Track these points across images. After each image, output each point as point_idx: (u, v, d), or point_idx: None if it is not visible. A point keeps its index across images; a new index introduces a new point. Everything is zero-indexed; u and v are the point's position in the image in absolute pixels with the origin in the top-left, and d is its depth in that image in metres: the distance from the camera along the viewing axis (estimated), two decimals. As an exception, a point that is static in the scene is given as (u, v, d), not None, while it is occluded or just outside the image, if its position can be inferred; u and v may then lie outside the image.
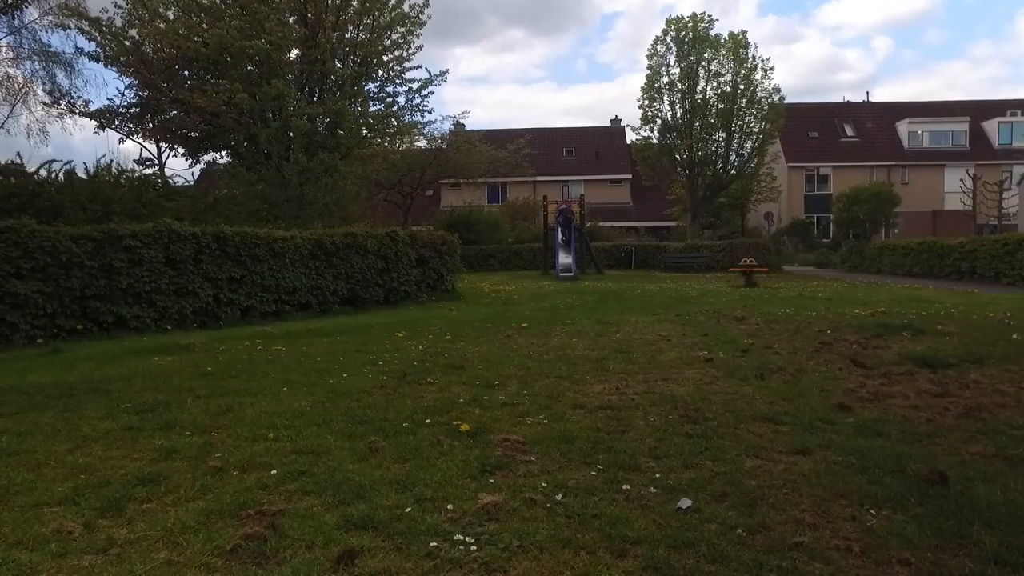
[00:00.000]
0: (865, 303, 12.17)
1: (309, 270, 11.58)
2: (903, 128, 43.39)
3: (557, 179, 44.47)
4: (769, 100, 33.60)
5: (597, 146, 47.24)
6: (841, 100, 47.41)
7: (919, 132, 43.19)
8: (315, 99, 21.08)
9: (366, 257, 12.45)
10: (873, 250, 27.08)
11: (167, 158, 22.94)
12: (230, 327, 10.01)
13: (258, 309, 10.77)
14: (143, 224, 9.58)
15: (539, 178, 42.81)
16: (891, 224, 34.51)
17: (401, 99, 23.58)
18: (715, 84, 33.64)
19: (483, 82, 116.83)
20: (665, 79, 34.34)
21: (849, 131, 44.29)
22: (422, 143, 35.54)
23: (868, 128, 44.30)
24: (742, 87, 33.14)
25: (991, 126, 43.21)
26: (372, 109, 23.45)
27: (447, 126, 35.63)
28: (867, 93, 48.34)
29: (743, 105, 33.31)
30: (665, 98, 34.36)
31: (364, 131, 23.38)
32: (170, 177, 17.39)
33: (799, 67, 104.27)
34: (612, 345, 7.45)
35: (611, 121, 50.42)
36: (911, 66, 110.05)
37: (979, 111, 43.86)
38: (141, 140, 20.95)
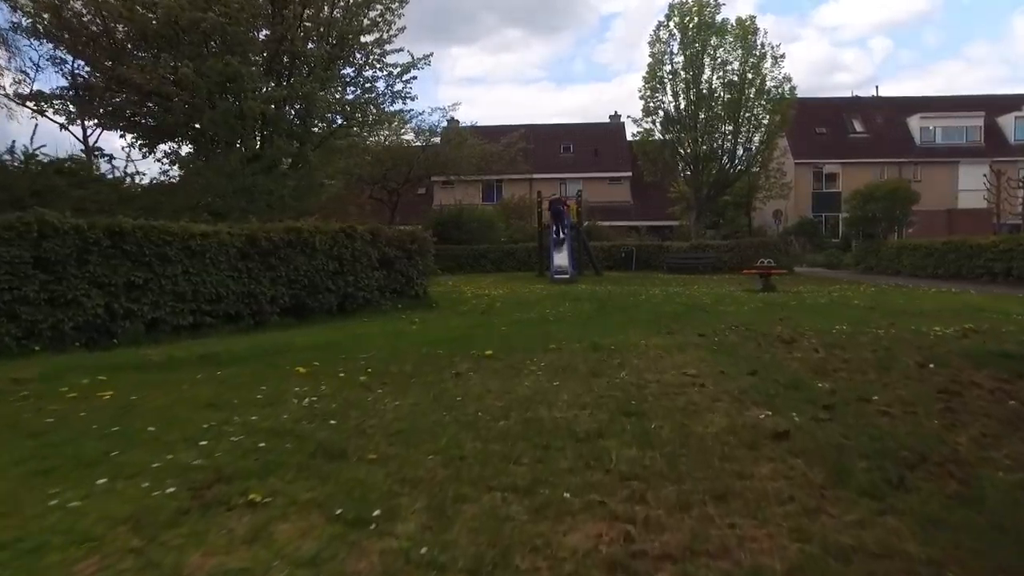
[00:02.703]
0: (920, 313, 10.05)
1: (239, 273, 9.35)
2: (915, 123, 41.32)
3: (554, 176, 42.24)
4: (779, 90, 31.41)
5: (595, 143, 45.03)
6: (850, 95, 45.39)
7: (931, 128, 41.14)
8: (284, 82, 18.95)
9: (314, 257, 10.24)
10: (891, 250, 25.24)
11: (95, 140, 20.29)
12: (128, 346, 7.85)
13: (168, 322, 8.53)
14: (4, 215, 7.39)
15: (535, 175, 40.67)
16: (907, 223, 32.37)
17: (380, 84, 21.52)
18: (721, 73, 31.27)
19: (481, 82, 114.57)
20: (668, 68, 32.00)
21: (858, 127, 42.27)
22: (409, 136, 33.57)
23: (878, 123, 42.22)
24: (750, 76, 30.88)
25: (1007, 121, 41.11)
26: (349, 96, 21.44)
27: (436, 118, 33.58)
28: (876, 88, 46.46)
29: (751, 96, 31.04)
30: (668, 88, 32.01)
31: (338, 119, 21.30)
32: (95, 165, 15.03)
33: (797, 67, 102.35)
34: (614, 398, 4.80)
35: (610, 117, 48.16)
36: (910, 67, 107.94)
37: (994, 106, 41.72)
38: (65, 123, 18.52)
